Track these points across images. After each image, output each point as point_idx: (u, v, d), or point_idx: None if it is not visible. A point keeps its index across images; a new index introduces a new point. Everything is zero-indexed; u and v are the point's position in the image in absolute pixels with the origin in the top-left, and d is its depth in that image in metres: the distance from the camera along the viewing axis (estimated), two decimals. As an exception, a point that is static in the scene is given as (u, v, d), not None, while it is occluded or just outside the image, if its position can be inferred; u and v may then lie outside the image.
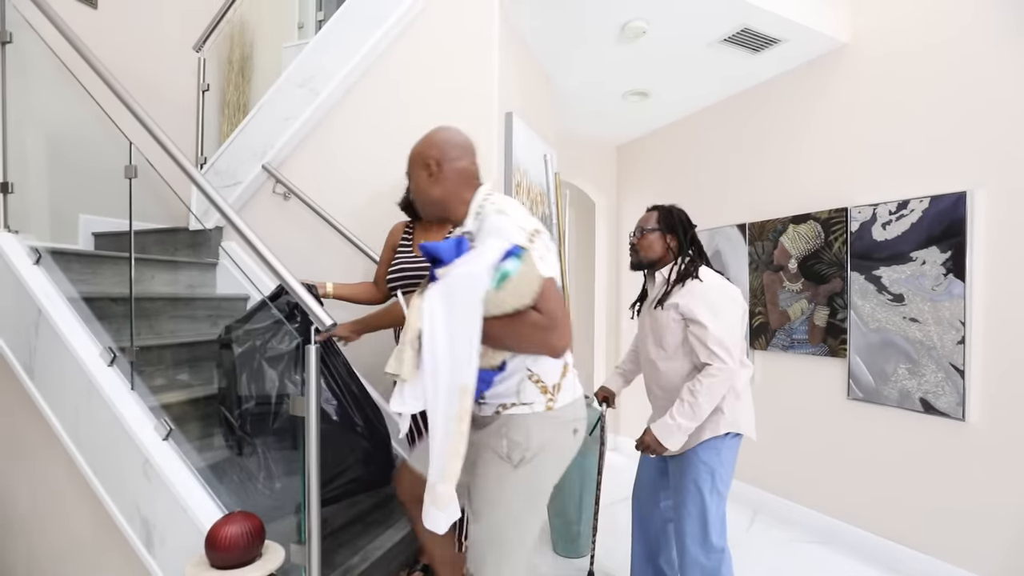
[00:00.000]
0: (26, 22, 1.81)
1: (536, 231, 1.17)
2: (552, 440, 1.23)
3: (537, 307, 1.10)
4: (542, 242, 1.17)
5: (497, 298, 1.07)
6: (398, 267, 1.87)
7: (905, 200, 2.35)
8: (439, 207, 1.30)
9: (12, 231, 1.82)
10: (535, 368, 1.21)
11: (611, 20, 2.45)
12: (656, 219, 1.81)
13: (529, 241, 1.13)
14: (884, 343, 2.43)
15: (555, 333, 1.10)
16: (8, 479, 1.85)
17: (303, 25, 3.17)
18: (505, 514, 1.23)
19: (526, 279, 1.08)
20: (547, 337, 1.11)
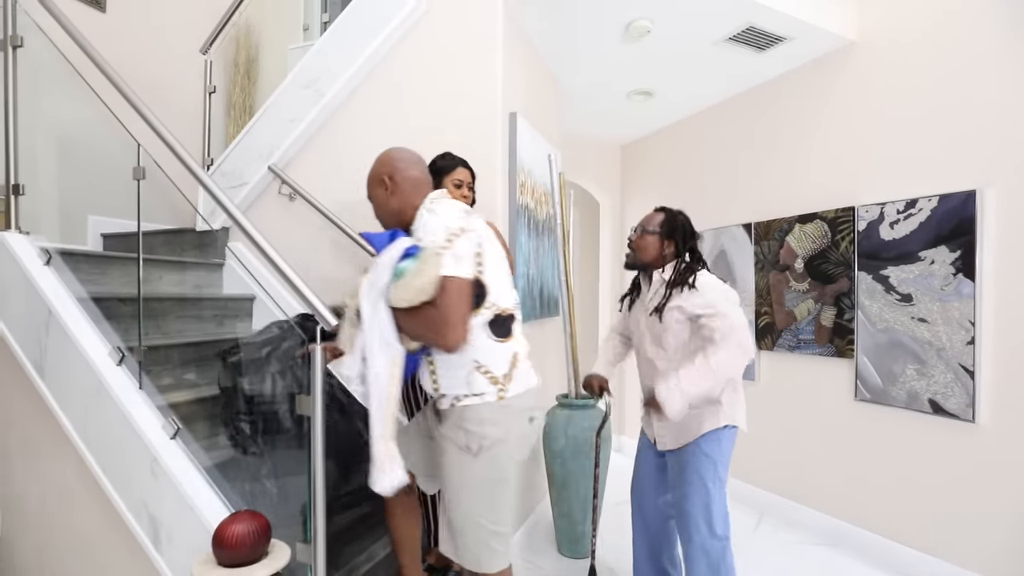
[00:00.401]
0: (36, 26, 1.84)
1: (461, 230, 1.24)
2: (507, 428, 1.30)
3: (434, 303, 1.19)
4: (466, 242, 1.24)
5: (394, 292, 1.20)
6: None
7: (913, 199, 2.33)
8: (397, 216, 1.39)
9: (23, 232, 1.85)
10: (483, 360, 1.28)
11: (615, 19, 2.45)
12: (659, 222, 1.80)
13: (448, 240, 1.21)
14: (892, 343, 2.41)
15: (446, 329, 1.18)
16: (18, 476, 1.87)
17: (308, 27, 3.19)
18: (474, 500, 1.30)
19: (419, 278, 1.17)
20: (439, 332, 1.19)
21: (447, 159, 1.93)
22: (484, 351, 1.29)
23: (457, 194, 1.88)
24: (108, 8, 2.69)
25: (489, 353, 1.29)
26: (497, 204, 2.23)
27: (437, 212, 1.28)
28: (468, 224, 1.28)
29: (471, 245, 1.26)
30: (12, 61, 1.82)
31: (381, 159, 1.46)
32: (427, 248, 1.22)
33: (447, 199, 1.38)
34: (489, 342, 1.29)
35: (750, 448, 3.15)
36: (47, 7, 1.76)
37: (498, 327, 1.31)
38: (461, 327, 1.21)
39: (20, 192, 1.84)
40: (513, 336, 1.34)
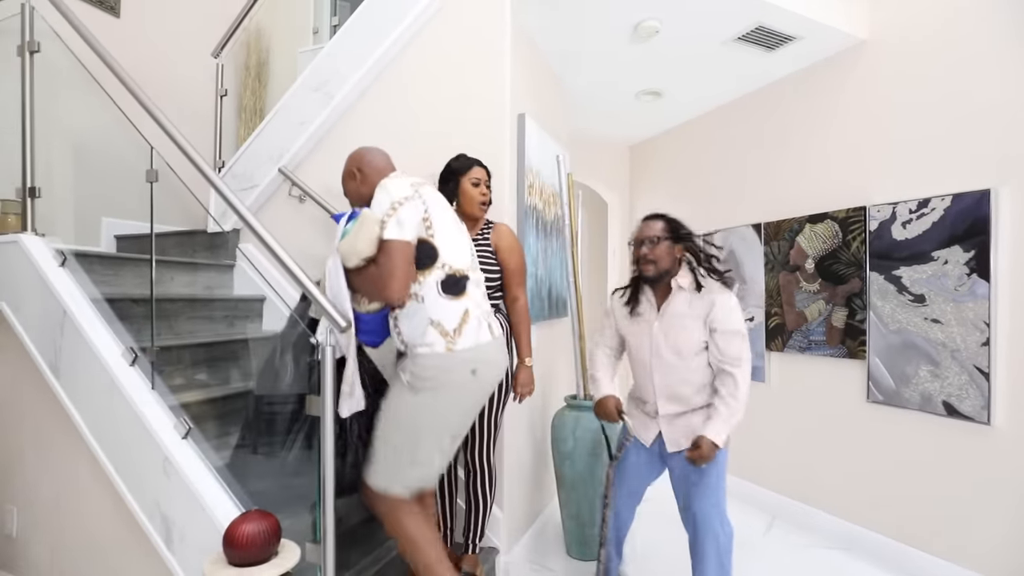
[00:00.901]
0: (53, 32, 1.87)
1: (405, 199, 1.41)
2: (449, 375, 1.43)
3: (377, 262, 1.38)
4: (410, 209, 1.41)
5: (341, 250, 1.41)
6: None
7: (926, 198, 2.31)
8: (368, 202, 1.53)
9: (39, 234, 1.88)
10: (434, 315, 1.43)
11: (624, 20, 2.44)
12: (663, 228, 1.80)
13: (392, 208, 1.39)
14: (905, 345, 2.38)
15: (386, 284, 1.36)
16: (33, 476, 1.90)
17: (318, 30, 3.21)
18: (400, 430, 1.46)
19: (356, 238, 1.38)
20: (380, 287, 1.38)
21: (461, 160, 1.96)
22: (436, 307, 1.43)
23: (475, 192, 1.91)
24: (122, 14, 2.73)
25: (440, 309, 1.43)
26: (505, 205, 2.23)
27: (386, 187, 1.44)
28: (414, 193, 1.44)
29: (416, 212, 1.42)
30: (29, 66, 1.85)
31: (351, 156, 1.66)
32: (366, 213, 1.40)
33: (402, 178, 1.51)
34: (440, 299, 1.43)
35: (761, 450, 3.12)
36: (64, 13, 1.79)
37: (450, 286, 1.45)
38: (399, 283, 1.36)
39: (36, 195, 1.87)
40: (466, 294, 1.47)
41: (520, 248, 1.99)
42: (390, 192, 1.42)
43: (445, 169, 1.98)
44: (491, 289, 1.91)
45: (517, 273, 1.95)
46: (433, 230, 1.44)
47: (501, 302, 1.98)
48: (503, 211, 2.22)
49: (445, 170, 1.97)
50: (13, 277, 1.87)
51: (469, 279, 1.50)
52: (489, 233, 1.97)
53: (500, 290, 1.97)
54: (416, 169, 2.22)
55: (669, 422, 1.82)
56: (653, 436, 1.85)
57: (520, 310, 1.94)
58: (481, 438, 1.92)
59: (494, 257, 1.94)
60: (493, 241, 1.95)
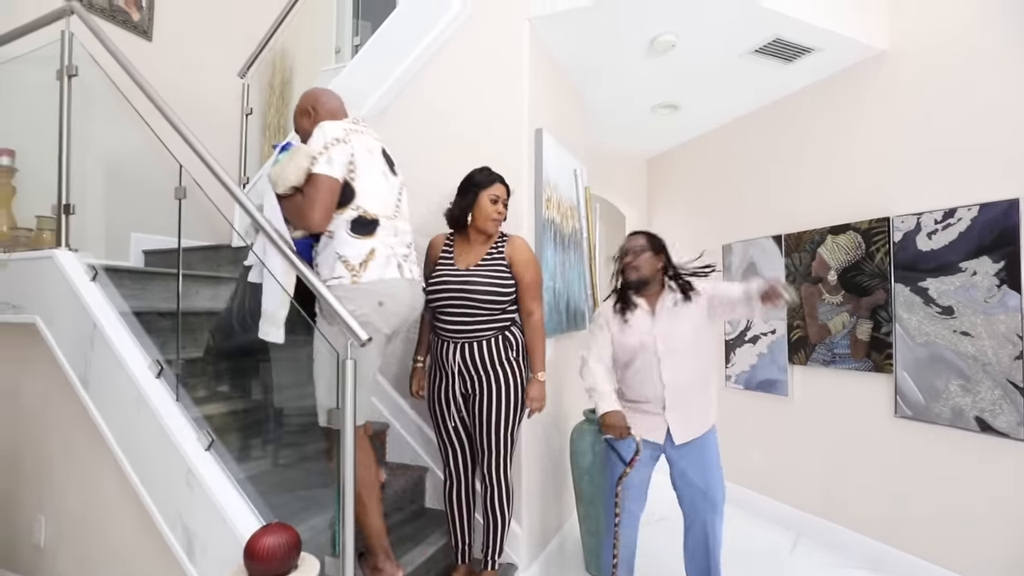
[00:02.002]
0: (90, 57, 1.94)
1: (336, 140, 1.57)
2: (357, 305, 1.54)
3: (303, 192, 1.54)
4: (340, 151, 1.57)
5: (271, 175, 1.57)
6: (438, 280, 1.90)
7: (952, 208, 2.26)
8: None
9: (72, 249, 1.94)
10: (342, 252, 1.57)
11: (640, 35, 2.46)
12: (645, 241, 2.00)
13: (324, 147, 1.55)
14: (933, 358, 2.32)
15: (307, 212, 1.52)
16: (61, 487, 1.93)
17: (340, 50, 3.30)
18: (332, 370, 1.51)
19: (286, 166, 1.53)
20: (303, 214, 1.54)
21: (484, 174, 1.94)
22: (343, 244, 1.57)
23: (491, 209, 1.90)
24: (155, 37, 2.83)
25: (347, 246, 1.57)
26: (523, 219, 2.24)
27: (323, 127, 1.59)
28: (345, 137, 1.59)
29: (344, 155, 1.57)
30: (67, 90, 1.93)
31: (307, 95, 1.80)
32: (299, 146, 1.56)
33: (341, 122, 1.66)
34: (348, 237, 1.57)
35: (785, 466, 3.05)
36: (103, 42, 1.87)
37: (360, 227, 1.59)
38: (320, 213, 1.52)
39: (71, 212, 1.94)
40: (375, 236, 1.60)
41: (535, 261, 1.97)
42: (325, 132, 1.58)
43: (467, 179, 1.96)
44: (505, 303, 1.89)
45: (532, 287, 1.92)
46: (356, 174, 1.58)
47: (517, 315, 1.96)
48: (521, 224, 2.23)
49: (466, 180, 1.95)
50: (47, 291, 1.93)
51: (380, 224, 1.62)
52: (504, 246, 1.94)
53: (515, 303, 1.94)
54: (436, 184, 2.26)
55: (679, 414, 1.92)
56: (663, 432, 1.94)
57: (534, 324, 1.92)
58: (496, 453, 1.89)
59: (508, 271, 1.90)
60: (507, 254, 1.92)
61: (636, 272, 1.98)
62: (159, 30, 2.86)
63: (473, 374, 1.87)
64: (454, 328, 1.87)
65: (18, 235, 2.19)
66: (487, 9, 2.36)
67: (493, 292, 1.85)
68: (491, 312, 1.86)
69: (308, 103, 1.78)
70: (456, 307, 1.86)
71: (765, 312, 1.83)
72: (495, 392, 1.86)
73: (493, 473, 1.90)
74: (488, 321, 1.86)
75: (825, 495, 2.82)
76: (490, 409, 1.86)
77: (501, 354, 1.87)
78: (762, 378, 3.18)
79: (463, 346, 1.86)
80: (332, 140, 1.56)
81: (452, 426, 1.94)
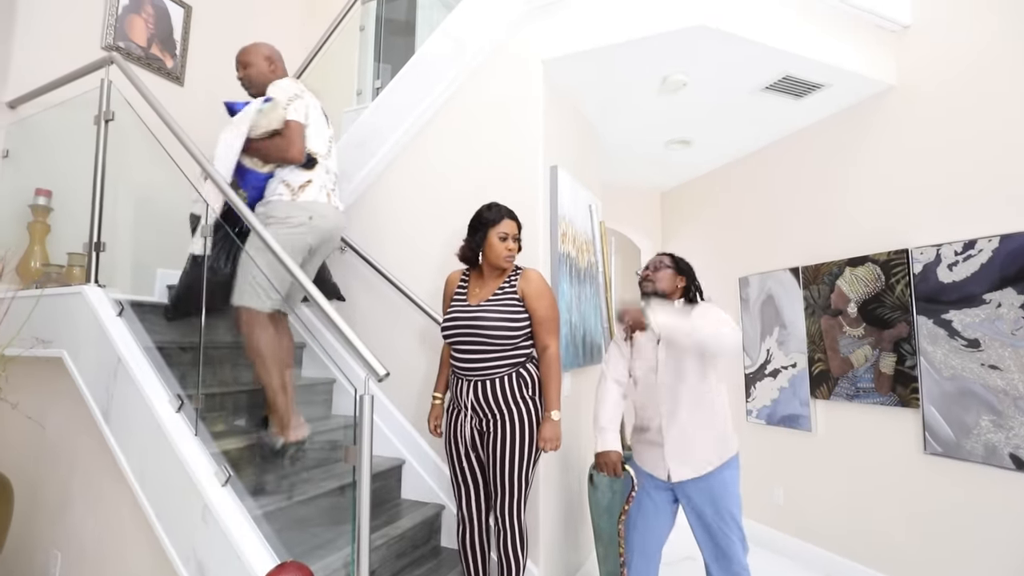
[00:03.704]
0: (126, 102, 2.05)
1: (296, 95, 2.00)
2: (288, 216, 1.94)
3: (282, 134, 1.94)
4: (299, 103, 1.99)
5: (256, 121, 1.91)
6: (451, 316, 1.90)
7: (972, 240, 2.24)
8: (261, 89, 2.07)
9: (101, 285, 1.99)
10: (286, 179, 1.99)
11: (651, 74, 2.52)
12: (670, 260, 2.01)
13: (289, 100, 1.98)
14: (961, 392, 2.25)
15: (289, 149, 1.94)
16: (78, 519, 1.94)
17: (361, 92, 3.41)
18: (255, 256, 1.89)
19: (270, 114, 1.93)
20: (286, 151, 1.94)
21: (493, 211, 1.93)
22: (289, 173, 2.00)
23: (501, 247, 1.88)
24: (186, 83, 2.98)
25: (292, 175, 1.99)
26: (539, 253, 2.27)
27: (283, 86, 2.02)
28: (302, 93, 2.03)
29: (303, 107, 2.00)
30: (104, 134, 2.03)
31: (266, 45, 2.15)
32: (275, 100, 1.95)
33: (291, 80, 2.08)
34: (294, 169, 2.00)
35: (810, 504, 2.94)
36: (140, 90, 1.98)
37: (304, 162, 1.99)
38: (297, 149, 1.95)
39: (102, 249, 2.00)
40: (313, 170, 2.01)
41: (549, 294, 1.91)
42: (288, 88, 2.01)
43: (475, 217, 1.94)
44: (517, 338, 1.84)
45: (546, 320, 1.87)
46: (308, 122, 2.00)
47: (534, 351, 1.90)
48: (537, 259, 2.25)
49: (475, 218, 1.94)
50: (74, 326, 1.98)
51: (318, 162, 2.03)
52: (517, 280, 1.90)
53: (529, 338, 1.89)
54: (452, 220, 2.30)
55: (676, 448, 1.86)
56: (665, 470, 1.88)
57: (550, 359, 1.85)
58: (510, 495, 1.82)
59: (521, 304, 1.86)
60: (520, 288, 1.88)
61: (651, 285, 1.95)
62: (190, 75, 3.00)
63: (487, 412, 1.84)
64: (468, 365, 1.85)
65: (49, 271, 2.26)
66: (502, 52, 2.45)
67: (504, 327, 1.82)
68: (504, 348, 1.83)
69: (270, 53, 2.15)
70: (468, 343, 1.84)
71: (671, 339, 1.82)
72: (509, 431, 1.81)
73: (507, 515, 1.82)
74: (502, 357, 1.83)
75: (851, 534, 2.70)
76: (503, 448, 1.81)
77: (516, 392, 1.83)
78: (784, 413, 3.11)
79: (476, 383, 1.84)
80: (296, 93, 2.01)
81: (467, 465, 1.90)
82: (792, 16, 2.33)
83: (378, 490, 2.27)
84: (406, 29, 3.50)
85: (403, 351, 2.48)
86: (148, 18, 2.81)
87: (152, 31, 2.83)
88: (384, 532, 2.00)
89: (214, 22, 3.11)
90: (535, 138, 2.32)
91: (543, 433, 1.83)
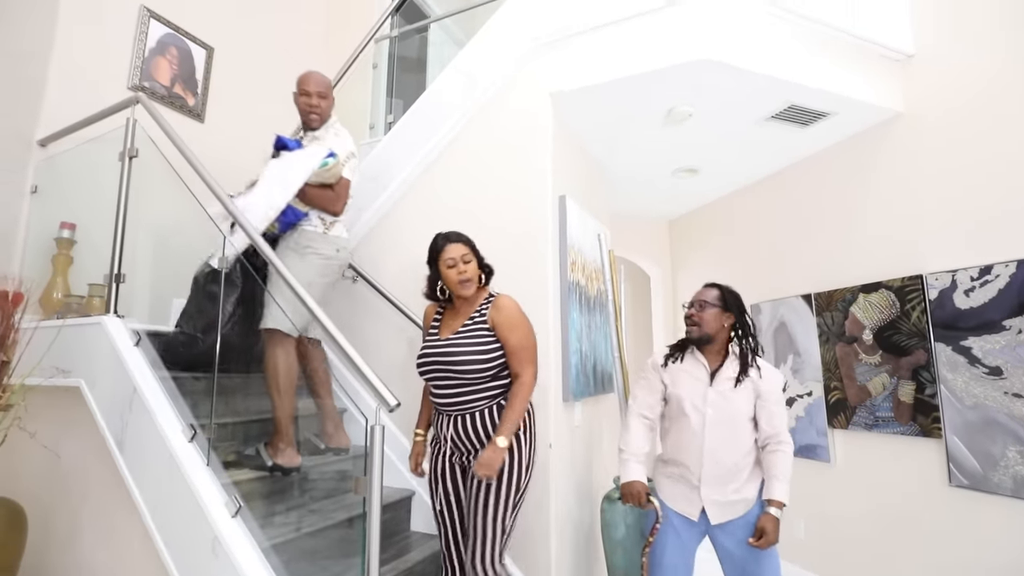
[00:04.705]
0: (150, 139, 2.13)
1: (352, 154, 2.21)
2: (320, 245, 2.10)
3: (333, 188, 2.11)
4: (354, 162, 2.20)
5: (318, 174, 2.05)
6: (422, 352, 1.84)
7: (988, 265, 2.21)
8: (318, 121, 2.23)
9: (119, 315, 2.04)
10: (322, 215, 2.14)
11: (657, 106, 2.57)
12: (716, 296, 1.90)
13: (346, 159, 2.15)
14: (985, 422, 2.19)
15: (337, 204, 2.14)
16: (88, 549, 1.93)
17: (373, 126, 3.51)
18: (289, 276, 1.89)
19: (332, 170, 2.08)
20: (330, 204, 2.12)
21: (437, 241, 1.86)
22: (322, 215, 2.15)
23: (452, 274, 1.79)
24: (206, 120, 3.09)
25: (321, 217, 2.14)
26: (549, 282, 2.28)
27: (344, 141, 2.20)
28: (356, 151, 2.24)
29: (355, 165, 2.21)
30: (128, 170, 2.11)
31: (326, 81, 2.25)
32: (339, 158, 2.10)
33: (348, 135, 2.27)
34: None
35: (830, 538, 2.85)
36: (165, 129, 2.07)
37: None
38: (343, 205, 2.16)
39: (122, 281, 2.05)
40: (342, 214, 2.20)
41: (522, 322, 1.77)
42: (349, 147, 2.20)
43: (428, 250, 1.88)
44: (490, 370, 1.73)
45: (519, 350, 1.73)
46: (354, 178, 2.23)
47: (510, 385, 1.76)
48: (547, 288, 2.27)
49: (428, 251, 1.88)
50: (92, 356, 2.01)
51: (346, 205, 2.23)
52: (487, 309, 1.78)
53: (506, 368, 1.76)
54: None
55: (713, 490, 1.80)
56: (698, 511, 1.82)
57: (519, 386, 1.71)
58: (483, 538, 1.66)
59: (491, 335, 1.74)
60: (490, 317, 1.76)
61: (697, 328, 1.88)
62: (210, 112, 3.12)
63: (467, 447, 1.75)
64: (445, 400, 1.77)
65: (70, 302, 2.32)
66: (511, 87, 2.52)
67: (473, 360, 1.72)
68: (478, 380, 1.74)
69: (329, 89, 2.24)
70: (441, 378, 1.77)
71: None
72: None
73: (480, 563, 1.66)
74: (478, 390, 1.74)
75: (875, 571, 2.60)
76: (481, 484, 1.69)
77: (495, 426, 1.72)
78: (801, 443, 3.04)
79: (456, 418, 1.76)
80: (351, 153, 2.19)
81: (451, 504, 1.79)
82: (796, 47, 2.38)
83: (388, 522, 2.23)
84: (418, 66, 3.62)
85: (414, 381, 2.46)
86: (172, 59, 2.94)
87: (176, 71, 2.96)
88: (394, 565, 1.96)
89: (234, 62, 3.25)
90: (543, 169, 2.37)
91: (480, 457, 1.65)
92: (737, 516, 1.79)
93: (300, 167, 2.02)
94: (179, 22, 2.96)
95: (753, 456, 1.85)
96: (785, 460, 1.79)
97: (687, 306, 1.95)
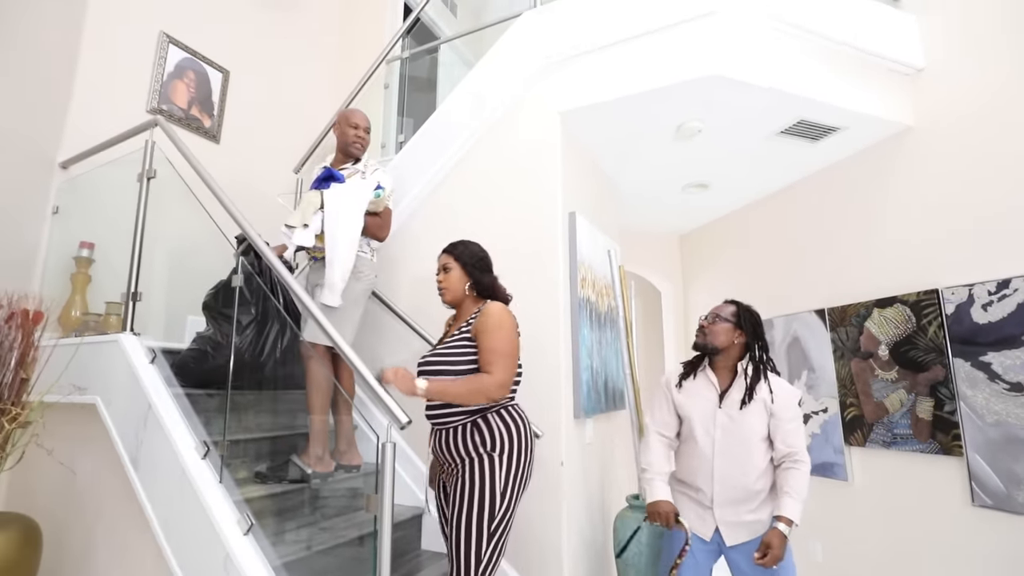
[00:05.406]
0: (167, 160, 2.18)
1: (394, 188, 2.46)
2: (367, 270, 2.30)
3: (380, 216, 2.34)
4: (395, 195, 2.49)
5: (372, 203, 2.28)
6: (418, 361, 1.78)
7: (1005, 279, 2.18)
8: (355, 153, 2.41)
9: (136, 333, 2.07)
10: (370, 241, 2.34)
11: (666, 122, 2.59)
12: (732, 312, 1.90)
13: (391, 192, 2.40)
14: (1008, 439, 2.14)
15: (383, 230, 2.37)
16: (101, 567, 1.94)
17: (385, 145, 3.56)
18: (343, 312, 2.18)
19: (382, 202, 2.32)
20: (377, 231, 2.34)
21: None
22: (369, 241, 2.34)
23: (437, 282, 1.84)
24: (222, 141, 3.16)
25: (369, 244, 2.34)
26: (559, 298, 2.28)
27: (389, 176, 2.41)
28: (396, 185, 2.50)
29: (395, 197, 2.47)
30: (146, 190, 2.16)
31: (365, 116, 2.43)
32: (385, 190, 2.33)
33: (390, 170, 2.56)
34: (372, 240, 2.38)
35: (848, 559, 2.78)
36: (182, 151, 2.12)
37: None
38: (388, 232, 2.41)
39: (138, 299, 2.09)
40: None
41: (498, 325, 1.64)
42: (391, 182, 2.40)
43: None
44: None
45: (488, 351, 1.61)
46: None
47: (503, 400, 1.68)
48: (558, 304, 2.27)
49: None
50: (108, 373, 2.04)
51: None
52: (475, 319, 1.70)
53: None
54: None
55: (727, 511, 1.79)
56: (711, 530, 1.80)
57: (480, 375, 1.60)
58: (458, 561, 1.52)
59: (472, 345, 1.66)
60: (474, 327, 1.68)
61: (703, 336, 1.90)
62: (226, 134, 3.18)
63: (446, 461, 1.67)
64: (429, 412, 1.71)
65: (88, 320, 2.35)
66: (520, 106, 2.55)
67: (447, 372, 1.65)
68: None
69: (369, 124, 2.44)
70: None
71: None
72: (459, 486, 1.58)
73: None
74: (454, 405, 1.64)
75: (903, 596, 2.53)
76: (454, 504, 1.59)
77: (468, 443, 1.61)
78: (818, 461, 2.98)
79: (438, 432, 1.70)
80: (393, 187, 2.43)
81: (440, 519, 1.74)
82: (805, 62, 2.39)
83: (398, 540, 2.22)
84: (428, 86, 3.68)
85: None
86: (190, 83, 3.02)
87: (193, 94, 3.03)
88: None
89: (249, 84, 3.33)
90: (553, 186, 2.38)
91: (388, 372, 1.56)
92: (754, 537, 1.76)
93: (357, 197, 2.24)
94: (196, 47, 3.05)
95: (769, 477, 1.81)
96: (798, 477, 1.76)
97: (703, 317, 1.97)
